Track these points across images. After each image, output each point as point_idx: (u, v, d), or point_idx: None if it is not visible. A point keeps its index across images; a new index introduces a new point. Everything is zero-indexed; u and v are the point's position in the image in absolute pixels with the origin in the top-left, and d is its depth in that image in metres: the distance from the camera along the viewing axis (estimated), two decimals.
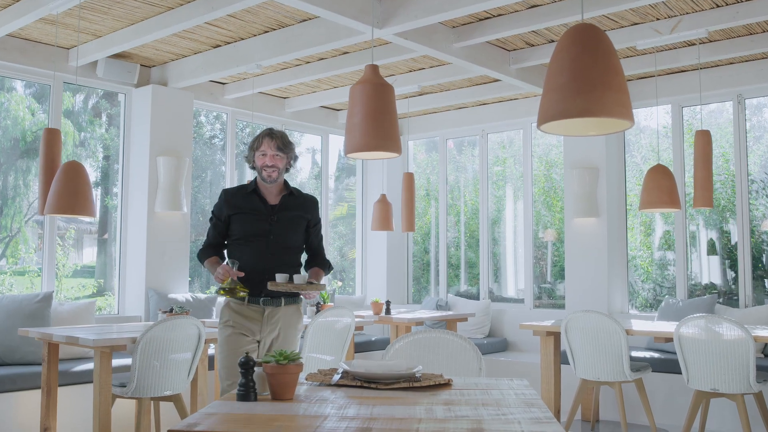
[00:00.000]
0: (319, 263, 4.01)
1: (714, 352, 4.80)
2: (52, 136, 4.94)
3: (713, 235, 7.22)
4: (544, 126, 2.40)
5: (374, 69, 2.93)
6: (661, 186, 5.39)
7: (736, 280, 6.82)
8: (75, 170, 4.62)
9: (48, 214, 4.67)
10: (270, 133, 3.81)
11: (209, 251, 3.93)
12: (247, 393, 2.33)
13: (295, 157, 3.93)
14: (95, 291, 6.96)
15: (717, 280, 7.12)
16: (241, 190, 3.93)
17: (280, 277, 3.62)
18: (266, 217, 3.81)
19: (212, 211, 3.95)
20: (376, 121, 2.84)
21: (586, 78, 2.27)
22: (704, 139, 5.44)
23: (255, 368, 2.39)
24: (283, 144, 3.81)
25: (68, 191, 4.57)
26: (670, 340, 5.10)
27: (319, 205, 3.90)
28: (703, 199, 5.41)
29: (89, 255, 7.24)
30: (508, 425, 2.00)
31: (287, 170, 3.92)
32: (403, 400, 2.34)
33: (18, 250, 6.48)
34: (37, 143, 6.06)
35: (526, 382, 2.75)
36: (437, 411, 2.18)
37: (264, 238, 3.78)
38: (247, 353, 2.37)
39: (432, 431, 1.93)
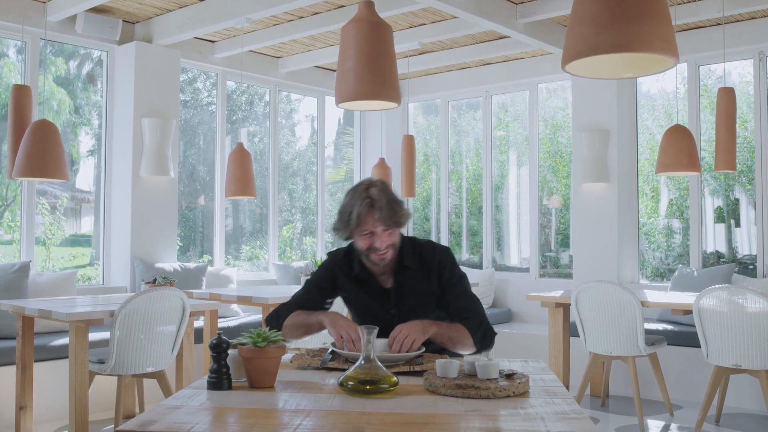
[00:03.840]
0: (470, 324, 2.62)
1: (736, 325, 4.47)
2: (22, 93, 4.55)
3: (719, 201, 6.86)
4: (569, 66, 2.03)
5: (369, 6, 2.54)
6: (680, 147, 5.01)
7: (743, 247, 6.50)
8: (45, 129, 4.24)
9: (16, 178, 4.30)
10: (371, 203, 2.52)
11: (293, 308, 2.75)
12: (219, 380, 1.99)
13: (407, 211, 2.63)
14: (89, 261, 6.65)
15: (722, 248, 6.76)
16: (350, 261, 2.74)
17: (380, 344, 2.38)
18: (384, 309, 2.70)
19: (313, 274, 2.87)
20: (373, 66, 2.45)
21: (622, 6, 1.89)
22: (728, 97, 5.04)
23: (229, 351, 2.04)
24: (392, 213, 2.53)
25: (38, 152, 4.20)
26: (688, 312, 4.76)
27: (452, 256, 2.76)
28: (726, 161, 5.03)
29: (87, 224, 6.92)
30: (530, 422, 1.66)
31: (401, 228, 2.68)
32: (403, 389, 2.00)
33: (14, 220, 6.15)
34: None
35: (543, 365, 2.41)
36: (443, 404, 1.84)
37: (386, 330, 2.50)
38: (219, 334, 2.01)
39: None
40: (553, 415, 1.73)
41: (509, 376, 2.01)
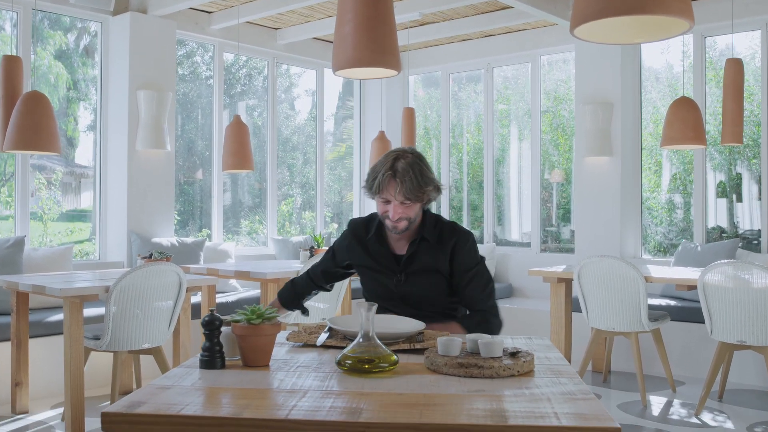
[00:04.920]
0: (469, 319, 2.64)
1: (742, 301, 4.40)
2: (12, 65, 4.43)
3: (722, 176, 6.76)
4: (578, 30, 1.93)
5: None
6: (686, 120, 4.91)
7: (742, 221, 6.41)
8: (36, 101, 4.14)
9: (7, 151, 4.20)
10: (394, 173, 2.51)
11: (291, 287, 2.97)
12: (212, 359, 1.92)
13: (436, 188, 2.61)
14: (88, 236, 6.57)
15: (724, 223, 6.68)
16: (367, 227, 2.78)
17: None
18: (391, 275, 2.69)
19: (335, 241, 2.94)
20: (372, 31, 2.35)
21: None
22: (735, 68, 4.93)
23: (222, 328, 1.97)
24: (413, 188, 2.51)
25: (29, 125, 4.10)
26: (693, 287, 4.69)
27: (472, 241, 2.71)
28: (733, 134, 4.93)
29: (87, 199, 6.83)
30: (536, 404, 1.58)
31: (428, 204, 2.67)
32: (403, 368, 1.92)
33: (11, 195, 6.06)
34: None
35: (547, 342, 2.33)
36: (444, 384, 1.77)
37: (393, 301, 2.69)
38: (212, 311, 1.94)
39: (439, 420, 1.51)
40: (559, 395, 1.66)
41: (513, 354, 1.93)
